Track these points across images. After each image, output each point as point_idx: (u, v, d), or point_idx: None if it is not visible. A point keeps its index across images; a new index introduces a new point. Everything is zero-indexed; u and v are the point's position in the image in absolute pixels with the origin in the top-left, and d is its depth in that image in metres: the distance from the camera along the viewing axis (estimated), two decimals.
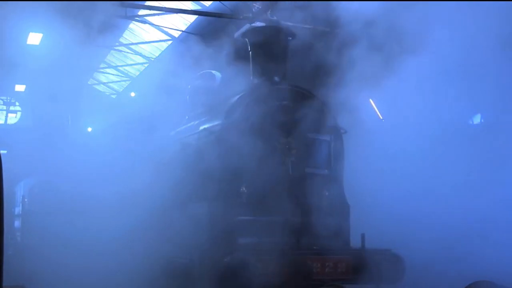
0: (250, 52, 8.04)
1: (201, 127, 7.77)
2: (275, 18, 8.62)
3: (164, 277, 7.44)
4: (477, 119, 10.36)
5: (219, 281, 6.11)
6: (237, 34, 8.72)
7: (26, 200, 16.01)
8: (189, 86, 8.97)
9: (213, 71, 8.70)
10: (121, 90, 26.27)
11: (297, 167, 7.14)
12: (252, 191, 6.91)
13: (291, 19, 8.74)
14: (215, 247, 6.59)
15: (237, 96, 7.44)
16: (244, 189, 6.91)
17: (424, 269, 7.98)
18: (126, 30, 20.78)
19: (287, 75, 7.86)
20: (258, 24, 8.64)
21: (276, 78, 7.71)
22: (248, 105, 7.23)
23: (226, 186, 6.91)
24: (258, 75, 7.86)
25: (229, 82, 8.22)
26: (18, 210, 16.69)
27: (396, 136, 8.21)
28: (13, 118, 24.91)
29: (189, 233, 6.97)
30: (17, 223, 16.06)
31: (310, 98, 7.50)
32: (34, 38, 16.81)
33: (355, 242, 7.31)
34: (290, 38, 7.98)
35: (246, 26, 8.84)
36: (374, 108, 10.07)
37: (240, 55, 8.48)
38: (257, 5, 9.04)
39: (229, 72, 8.26)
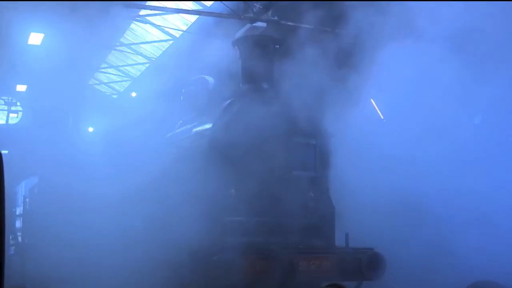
0: (240, 60, 8.43)
1: (194, 130, 8.12)
2: (276, 18, 8.67)
3: (158, 276, 7.67)
4: (477, 119, 10.35)
5: (209, 279, 6.47)
6: (237, 34, 8.76)
7: (27, 200, 16.04)
8: (183, 90, 9.30)
9: (206, 76, 9.04)
10: (122, 90, 26.29)
11: (284, 170, 7.49)
12: (241, 193, 7.20)
13: (292, 18, 8.82)
14: (205, 246, 6.84)
15: (226, 102, 7.83)
16: (233, 191, 7.22)
17: (423, 269, 8.00)
18: (127, 30, 20.79)
19: (275, 81, 8.20)
20: (259, 24, 8.69)
21: (265, 85, 8.10)
22: (237, 111, 7.61)
23: (216, 188, 7.15)
24: (247, 81, 8.23)
25: (222, 87, 8.66)
26: (19, 210, 16.73)
27: (395, 137, 8.25)
28: (14, 118, 24.93)
29: (180, 233, 7.15)
30: (18, 223, 16.09)
31: (297, 104, 7.74)
32: (35, 38, 16.81)
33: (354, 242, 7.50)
34: (278, 46, 8.37)
35: (247, 26, 8.85)
36: (375, 108, 10.08)
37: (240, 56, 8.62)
38: (258, 5, 9.05)
39: (222, 77, 8.66)
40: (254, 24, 8.74)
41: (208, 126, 7.73)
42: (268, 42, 8.35)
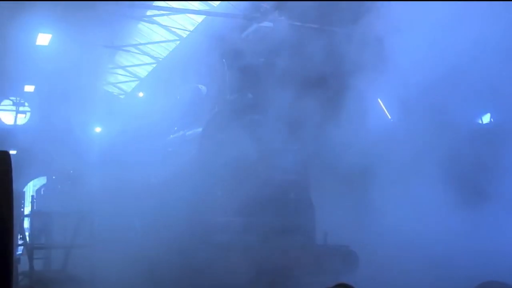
0: (227, 72, 9.07)
1: (185, 136, 9.01)
2: (282, 18, 8.68)
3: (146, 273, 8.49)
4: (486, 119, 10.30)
5: (195, 273, 7.24)
6: (245, 34, 8.79)
7: (35, 200, 16.06)
8: (178, 97, 10.24)
9: (200, 85, 9.91)
10: (129, 90, 26.33)
11: (267, 173, 8.19)
12: (227, 194, 7.97)
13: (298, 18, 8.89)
14: (193, 244, 7.71)
15: (214, 112, 8.71)
16: (220, 193, 7.98)
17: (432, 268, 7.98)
18: (134, 31, 20.82)
19: (260, 91, 8.86)
20: (266, 24, 8.76)
21: (250, 94, 8.82)
22: (223, 120, 8.43)
23: (204, 191, 7.99)
24: (233, 91, 8.91)
25: (213, 95, 9.49)
26: (27, 210, 16.76)
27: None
28: (22, 119, 25.00)
29: (170, 232, 8.02)
30: (26, 224, 16.11)
31: (280, 112, 8.41)
32: (43, 39, 16.87)
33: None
34: (262, 60, 8.94)
35: (254, 27, 8.88)
36: (383, 108, 10.05)
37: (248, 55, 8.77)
38: (265, 5, 9.06)
39: (214, 87, 9.51)
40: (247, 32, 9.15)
41: (197, 133, 8.60)
42: (253, 55, 9.02)
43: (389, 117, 10.16)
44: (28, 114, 25.11)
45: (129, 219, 10.20)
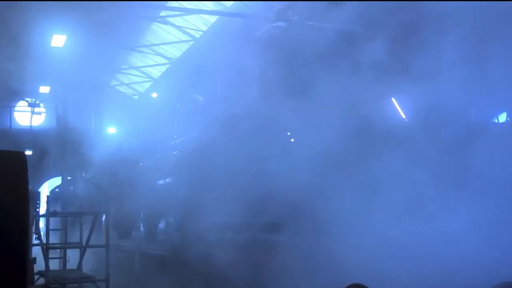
0: (219, 86, 9.85)
1: (182, 144, 9.73)
2: (296, 17, 8.66)
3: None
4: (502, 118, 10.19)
5: (188, 267, 8.04)
6: (258, 34, 8.79)
7: (50, 200, 16.19)
8: (178, 105, 11.10)
9: (197, 95, 10.64)
10: (143, 91, 26.47)
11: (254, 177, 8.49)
12: (217, 197, 8.50)
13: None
14: (187, 241, 8.39)
15: (206, 122, 9.38)
16: (211, 195, 8.56)
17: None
18: (148, 31, 20.93)
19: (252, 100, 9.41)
20: (280, 24, 8.73)
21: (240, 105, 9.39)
22: (215, 129, 9.01)
23: (197, 193, 8.60)
24: (226, 102, 9.70)
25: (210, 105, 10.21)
26: (43, 210, 16.88)
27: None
28: (37, 120, 25.21)
29: (166, 231, 8.96)
30: (41, 224, 16.26)
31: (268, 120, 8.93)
32: (58, 40, 17.00)
33: None
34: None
35: (267, 26, 8.87)
36: (396, 107, 9.99)
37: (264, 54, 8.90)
38: (278, 5, 9.05)
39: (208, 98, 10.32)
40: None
41: (192, 141, 9.35)
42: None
43: (404, 117, 10.08)
44: (44, 115, 25.32)
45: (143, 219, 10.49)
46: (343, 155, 8.07)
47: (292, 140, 9.35)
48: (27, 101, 24.55)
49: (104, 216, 9.96)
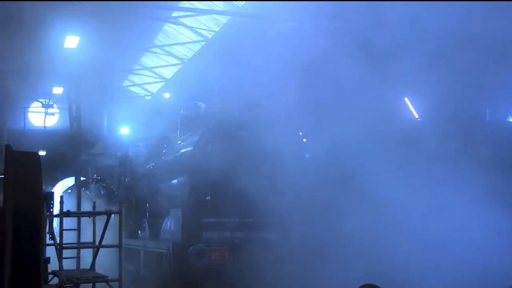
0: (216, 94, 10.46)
1: (183, 150, 10.25)
2: (307, 17, 8.63)
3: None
4: None
5: (186, 264, 8.47)
6: (269, 34, 8.78)
7: (63, 200, 16.29)
8: (181, 111, 11.27)
9: (199, 102, 11.02)
10: (156, 91, 26.54)
11: (249, 182, 8.84)
12: (215, 199, 9.07)
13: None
14: (185, 240, 8.85)
15: (205, 128, 9.81)
16: (208, 198, 9.04)
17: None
18: (160, 32, 20.98)
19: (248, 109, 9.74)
20: (290, 23, 8.72)
21: (237, 113, 9.83)
22: (212, 136, 9.53)
23: (195, 196, 9.19)
24: (222, 111, 10.14)
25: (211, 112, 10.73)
26: (56, 210, 16.96)
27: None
28: (51, 120, 25.33)
29: (167, 230, 9.54)
30: (55, 224, 16.32)
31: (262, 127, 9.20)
32: (72, 42, 17.11)
33: None
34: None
35: (278, 26, 8.87)
36: (409, 107, 9.93)
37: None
38: (289, 5, 9.03)
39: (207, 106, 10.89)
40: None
41: (192, 146, 9.78)
42: None
43: (416, 116, 10.02)
44: (57, 116, 25.46)
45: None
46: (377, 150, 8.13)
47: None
48: (40, 102, 24.68)
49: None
